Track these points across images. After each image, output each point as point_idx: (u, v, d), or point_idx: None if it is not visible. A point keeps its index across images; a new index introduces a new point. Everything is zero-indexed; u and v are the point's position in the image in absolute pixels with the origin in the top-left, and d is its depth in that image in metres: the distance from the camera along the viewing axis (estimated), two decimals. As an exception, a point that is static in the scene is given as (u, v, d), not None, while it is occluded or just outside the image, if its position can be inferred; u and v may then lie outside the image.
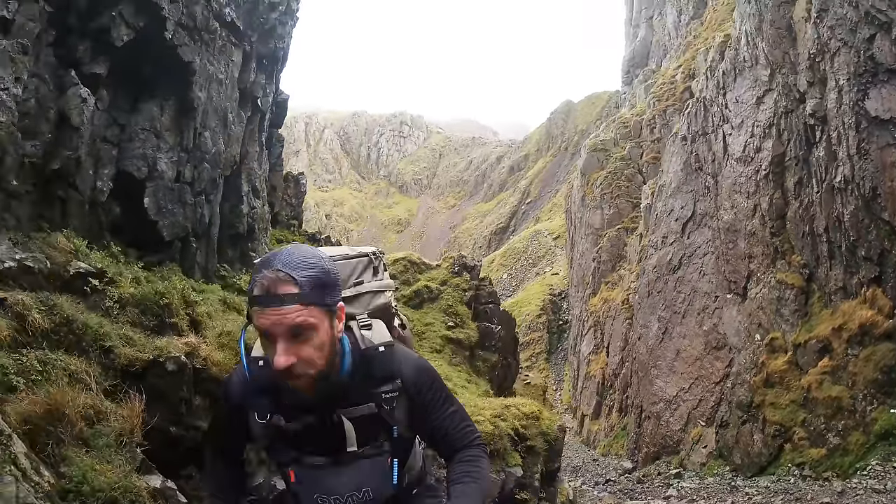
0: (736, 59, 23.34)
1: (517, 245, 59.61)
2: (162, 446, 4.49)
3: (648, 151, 39.58)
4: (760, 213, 21.34)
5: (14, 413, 3.52)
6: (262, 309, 1.72)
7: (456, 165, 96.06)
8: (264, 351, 1.82)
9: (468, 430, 2.09)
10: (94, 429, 3.95)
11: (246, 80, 11.76)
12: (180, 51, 8.73)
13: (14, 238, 5.64)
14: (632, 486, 22.00)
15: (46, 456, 3.51)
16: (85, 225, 7.27)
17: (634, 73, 52.86)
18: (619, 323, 33.25)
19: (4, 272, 5.06)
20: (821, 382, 16.56)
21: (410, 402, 1.99)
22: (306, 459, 1.91)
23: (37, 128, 6.32)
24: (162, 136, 8.75)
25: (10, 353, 4.09)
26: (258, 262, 1.81)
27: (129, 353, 4.93)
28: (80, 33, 6.99)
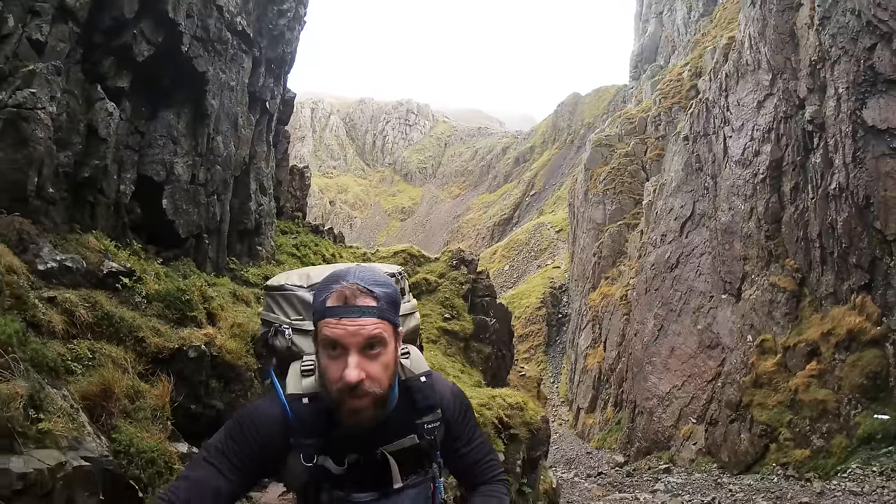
0: (739, 63, 23.62)
1: (520, 237, 59.78)
2: (185, 420, 5.28)
3: (652, 148, 39.82)
4: (757, 217, 21.72)
5: (76, 391, 4.21)
6: (337, 319, 1.66)
7: (461, 155, 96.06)
8: (324, 371, 1.71)
9: (492, 463, 2.10)
10: (134, 405, 4.68)
11: (255, 84, 12.19)
12: (195, 62, 9.17)
13: (53, 241, 6.17)
14: (621, 480, 22.50)
15: (101, 425, 4.24)
16: (110, 225, 7.80)
17: (642, 68, 52.94)
18: (617, 318, 33.65)
19: (48, 272, 5.67)
20: (808, 385, 17.03)
21: (447, 430, 1.97)
22: (353, 497, 1.81)
23: (69, 139, 6.81)
24: (178, 142, 9.22)
25: (65, 342, 4.76)
26: (327, 276, 1.77)
27: (158, 342, 5.68)
28: (105, 50, 7.45)
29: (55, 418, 3.47)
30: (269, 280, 2.17)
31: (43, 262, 5.71)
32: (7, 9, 5.96)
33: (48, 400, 3.54)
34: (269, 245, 14.39)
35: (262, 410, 1.82)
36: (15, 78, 5.86)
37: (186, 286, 7.05)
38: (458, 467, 2.05)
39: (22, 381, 3.33)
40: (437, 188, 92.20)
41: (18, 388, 3.22)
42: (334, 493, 1.79)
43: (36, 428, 3.26)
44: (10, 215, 5.69)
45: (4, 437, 3.04)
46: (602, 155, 44.03)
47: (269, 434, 1.77)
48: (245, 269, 12.13)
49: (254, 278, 11.94)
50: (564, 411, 37.94)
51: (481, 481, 2.06)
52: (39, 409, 3.39)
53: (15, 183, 5.81)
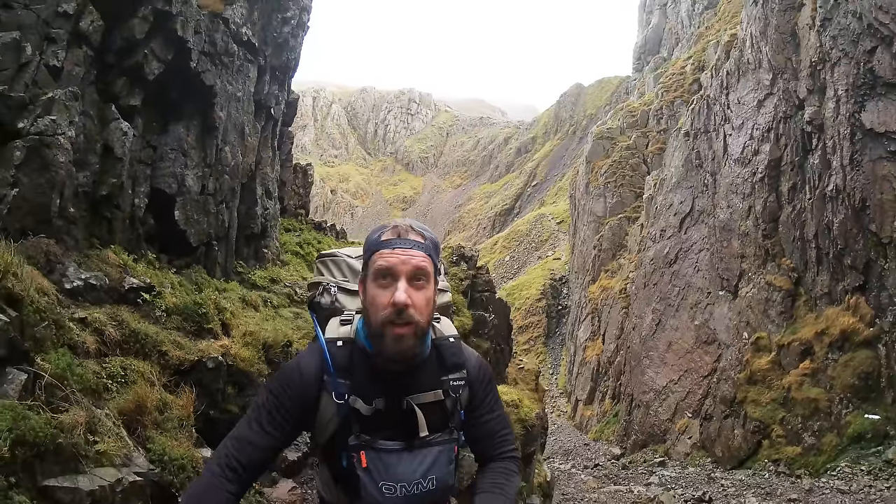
0: (740, 61, 23.73)
1: (521, 228, 59.93)
2: (205, 426, 5.70)
3: (654, 142, 39.93)
4: (754, 215, 21.95)
5: (115, 408, 4.63)
6: (391, 250, 1.84)
7: (463, 145, 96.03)
8: (372, 300, 1.84)
9: (507, 438, 2.16)
10: (163, 415, 5.13)
11: (261, 93, 12.46)
12: (203, 76, 9.46)
13: (77, 259, 6.53)
14: (617, 472, 22.88)
15: (137, 437, 4.68)
16: (126, 238, 8.16)
17: (645, 59, 52.87)
18: (616, 312, 33.93)
19: (75, 290, 6.06)
20: (801, 384, 17.35)
21: (471, 395, 2.05)
22: (379, 444, 1.88)
23: (87, 160, 7.13)
24: (188, 154, 9.52)
25: (98, 361, 5.17)
26: (378, 226, 1.97)
27: (179, 354, 6.16)
28: (118, 70, 7.74)
29: (107, 439, 3.90)
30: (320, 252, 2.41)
31: (69, 281, 6.08)
32: (24, 37, 6.22)
33: (99, 423, 3.94)
34: (275, 246, 14.70)
35: (301, 359, 1.96)
36: (35, 106, 6.14)
37: (202, 300, 7.50)
38: (476, 435, 2.10)
39: (79, 409, 3.70)
40: (438, 178, 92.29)
41: (78, 417, 3.63)
42: (362, 436, 1.86)
43: (94, 449, 3.70)
44: (37, 237, 6.02)
45: (72, 460, 3.49)
46: (603, 147, 44.13)
47: (307, 378, 1.90)
48: (252, 272, 12.52)
49: (260, 281, 12.33)
50: (563, 402, 38.33)
51: (495, 454, 2.11)
52: (94, 432, 3.82)
53: (39, 206, 6.13)
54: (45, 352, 4.11)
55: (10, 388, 3.45)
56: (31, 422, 3.30)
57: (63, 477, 3.44)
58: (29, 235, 5.95)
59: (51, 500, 3.35)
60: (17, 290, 3.82)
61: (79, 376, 4.32)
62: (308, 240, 18.03)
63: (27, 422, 3.27)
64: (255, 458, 1.85)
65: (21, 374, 3.54)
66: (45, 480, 3.35)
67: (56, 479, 3.41)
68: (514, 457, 2.15)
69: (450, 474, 1.97)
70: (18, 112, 5.93)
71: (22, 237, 5.92)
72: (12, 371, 3.53)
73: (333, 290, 2.13)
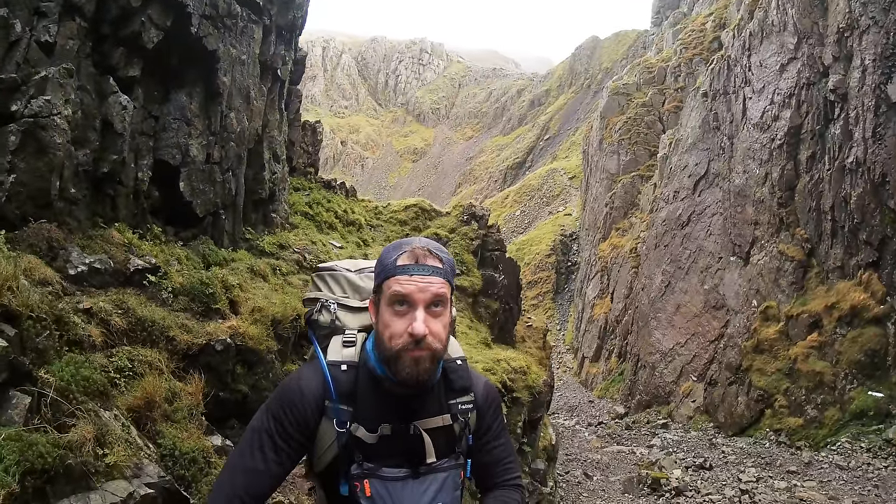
0: (764, 22, 22.87)
1: (532, 182, 59.48)
2: (214, 406, 5.73)
3: (671, 100, 39.06)
4: (771, 182, 21.55)
5: (123, 405, 4.61)
6: (408, 276, 1.76)
7: (475, 96, 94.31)
8: (386, 327, 1.78)
9: (511, 465, 2.09)
10: (172, 406, 5.09)
11: (266, 54, 12.08)
12: (205, 41, 9.13)
13: (80, 242, 6.43)
14: (620, 432, 23.26)
15: (147, 432, 4.67)
16: (130, 213, 8.03)
17: (665, 14, 51.24)
18: (626, 271, 33.92)
19: (79, 276, 5.98)
20: (807, 356, 17.34)
21: (478, 420, 1.99)
22: (384, 472, 1.80)
23: (86, 137, 6.93)
24: (192, 123, 9.29)
25: (104, 353, 5.11)
26: (393, 245, 1.88)
27: (187, 339, 6.09)
28: (114, 41, 7.43)
29: (116, 448, 3.85)
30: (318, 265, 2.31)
31: (73, 267, 6.00)
32: (13, 14, 5.89)
33: (108, 432, 3.91)
34: (283, 210, 14.56)
35: (300, 381, 1.87)
36: (28, 87, 5.92)
37: (209, 278, 7.40)
38: (480, 462, 2.03)
39: (86, 423, 3.67)
40: (449, 129, 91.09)
41: (86, 433, 3.58)
42: (365, 465, 1.79)
43: (104, 463, 3.65)
44: (38, 223, 5.92)
45: (82, 478, 3.44)
46: (619, 104, 43.31)
47: (308, 400, 1.82)
48: (260, 238, 12.42)
49: (269, 247, 12.24)
50: (569, 359, 38.79)
51: (498, 482, 2.05)
52: (104, 444, 3.76)
53: (38, 190, 5.99)
54: (49, 363, 4.04)
55: (15, 414, 3.39)
56: (39, 448, 3.25)
57: (75, 496, 3.42)
58: (30, 222, 5.85)
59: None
60: (15, 306, 3.73)
61: (85, 379, 4.26)
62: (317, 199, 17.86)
63: (34, 448, 3.22)
64: (264, 488, 1.79)
65: (25, 396, 3.47)
66: (57, 502, 3.34)
67: (68, 499, 3.39)
68: (518, 485, 2.09)
69: (456, 500, 1.91)
70: (10, 94, 5.72)
71: (23, 224, 5.83)
72: (16, 394, 3.45)
73: (333, 308, 2.04)
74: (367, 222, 19.12)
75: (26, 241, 5.74)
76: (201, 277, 7.42)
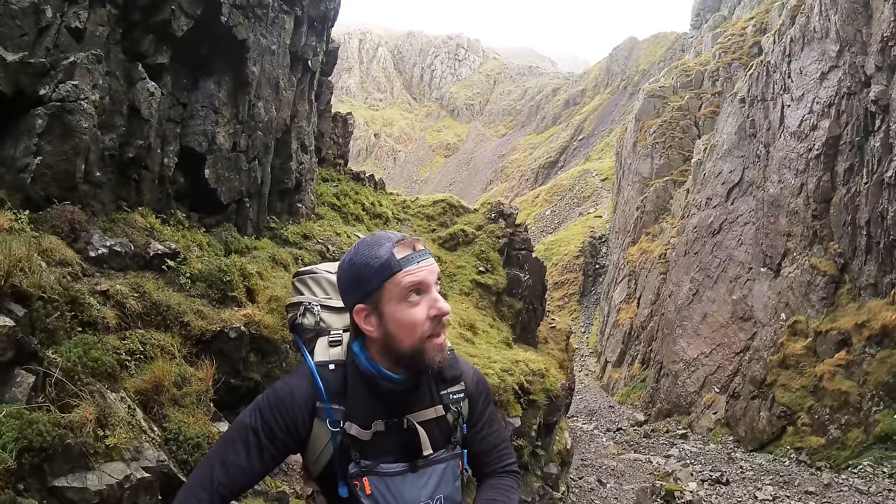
0: (806, 28, 22.27)
1: (564, 182, 59.03)
2: (225, 393, 5.78)
3: (707, 104, 38.39)
4: (806, 193, 21.02)
5: (131, 388, 4.70)
6: (416, 264, 1.76)
7: (510, 94, 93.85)
8: (405, 320, 1.76)
9: (506, 452, 2.07)
10: (181, 391, 5.18)
11: (297, 44, 12.15)
12: (235, 30, 9.22)
13: (102, 225, 6.57)
14: (638, 439, 22.97)
15: (153, 416, 4.74)
16: (154, 198, 8.18)
17: (705, 17, 50.34)
18: (654, 276, 33.50)
19: (99, 258, 6.11)
20: (833, 374, 16.89)
21: (470, 408, 1.99)
22: (382, 468, 1.80)
23: (112, 122, 7.08)
24: (220, 111, 9.42)
25: (118, 335, 5.21)
26: (372, 242, 1.82)
27: (201, 325, 6.17)
28: (143, 28, 7.57)
29: (118, 430, 3.90)
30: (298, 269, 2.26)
31: (94, 249, 6.14)
32: (44, 0, 6.02)
33: (111, 414, 3.96)
34: (310, 200, 14.65)
35: (289, 384, 1.85)
36: (57, 71, 6.06)
37: (227, 266, 7.47)
38: (475, 451, 2.02)
39: (89, 404, 3.73)
40: (483, 126, 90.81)
41: (88, 414, 3.63)
42: (362, 462, 1.78)
43: (104, 444, 3.71)
44: (61, 205, 6.06)
45: (81, 458, 3.50)
46: (654, 106, 42.71)
47: (298, 403, 1.81)
48: (285, 228, 12.51)
49: (293, 237, 12.32)
50: (592, 362, 38.48)
51: (494, 470, 2.04)
52: (105, 426, 3.81)
53: (64, 172, 6.14)
54: (59, 343, 4.11)
55: (19, 391, 3.46)
56: (39, 426, 3.30)
57: (72, 475, 3.47)
58: (54, 203, 5.99)
59: (60, 500, 3.39)
60: (26, 287, 3.81)
61: (94, 360, 4.31)
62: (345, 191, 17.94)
63: (34, 427, 3.27)
64: (244, 483, 1.79)
65: (29, 375, 3.55)
66: (54, 480, 3.38)
67: (65, 477, 3.44)
68: (514, 471, 2.07)
69: (457, 491, 1.90)
70: (39, 79, 5.86)
71: (47, 205, 5.97)
72: (21, 373, 3.52)
73: (316, 310, 2.02)
74: (395, 216, 19.11)
75: (49, 223, 5.88)
76: (220, 265, 7.50)
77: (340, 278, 1.87)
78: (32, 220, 5.65)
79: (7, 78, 5.60)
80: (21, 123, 5.84)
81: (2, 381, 3.48)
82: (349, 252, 1.84)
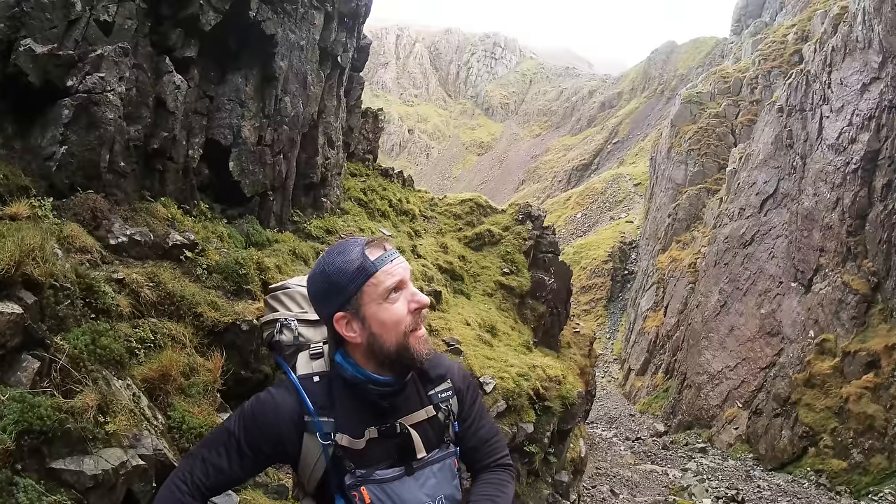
0: (848, 38, 21.65)
1: (596, 185, 58.58)
2: (234, 384, 5.84)
3: (745, 112, 37.71)
4: (841, 208, 20.48)
5: (139, 375, 4.80)
6: (391, 263, 1.78)
7: (545, 94, 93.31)
8: (388, 318, 1.77)
9: (498, 445, 2.07)
10: (189, 380, 5.26)
11: (327, 40, 12.23)
12: (264, 25, 9.34)
13: (124, 214, 6.73)
14: (656, 450, 22.68)
15: (159, 404, 4.83)
16: (178, 188, 8.34)
17: (745, 22, 49.40)
18: (682, 285, 33.07)
19: (119, 246, 6.26)
20: (860, 397, 16.44)
21: (460, 404, 1.98)
22: (378, 475, 1.78)
23: (138, 114, 7.24)
24: (246, 105, 9.55)
25: (130, 323, 5.31)
26: (336, 254, 1.81)
27: (214, 316, 6.25)
28: (171, 21, 7.71)
29: (119, 417, 3.99)
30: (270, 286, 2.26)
31: (114, 237, 6.29)
32: (73, -7, 6.15)
33: (114, 400, 4.06)
34: (335, 195, 14.74)
35: (274, 397, 1.82)
36: (84, 63, 6.20)
37: (244, 259, 7.57)
38: (467, 446, 2.01)
39: (91, 391, 3.83)
40: (517, 125, 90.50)
41: (89, 400, 3.74)
42: (357, 472, 1.76)
43: (104, 430, 3.80)
44: (85, 193, 6.22)
45: (80, 442, 3.61)
46: (691, 112, 42.12)
47: (283, 419, 1.79)
48: (308, 222, 12.61)
49: (316, 231, 12.40)
50: (615, 369, 38.16)
51: (487, 464, 2.03)
52: (107, 413, 3.91)
53: (89, 162, 6.30)
54: (68, 330, 4.22)
55: (24, 376, 3.57)
56: (40, 410, 3.40)
57: (70, 459, 3.58)
58: (77, 192, 6.15)
59: (57, 481, 3.49)
60: (37, 275, 3.92)
61: (103, 348, 4.42)
62: (373, 186, 18.00)
63: (36, 410, 3.37)
64: (223, 483, 1.81)
65: (35, 361, 3.66)
66: (52, 462, 3.49)
67: (63, 460, 3.55)
68: (507, 464, 2.06)
69: (456, 490, 1.89)
70: (67, 70, 6.01)
71: (71, 193, 6.14)
72: (27, 358, 3.64)
73: (293, 325, 2.02)
74: (422, 213, 19.09)
75: (72, 210, 6.04)
76: (237, 257, 7.59)
77: (314, 291, 1.84)
78: (56, 207, 5.81)
79: (36, 69, 5.76)
80: (48, 113, 6.02)
81: (8, 365, 3.59)
82: (317, 264, 1.82)
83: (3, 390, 3.40)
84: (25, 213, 4.91)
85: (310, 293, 1.87)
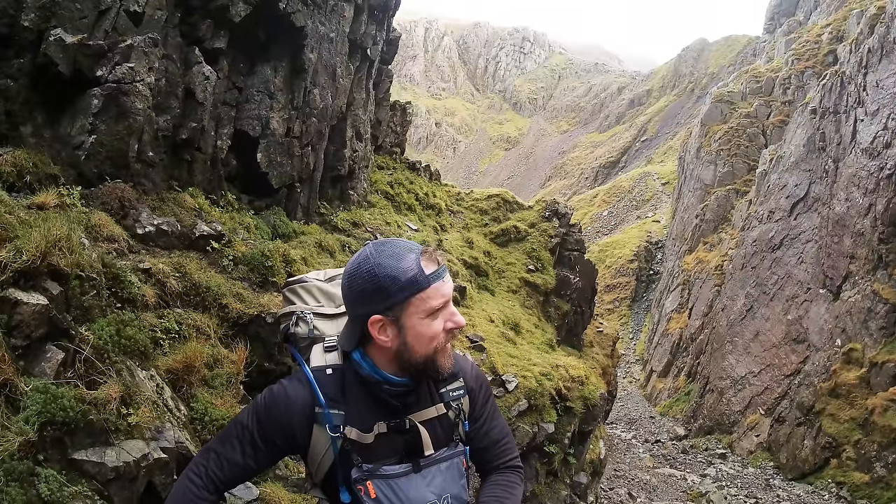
0: (885, 38, 21.04)
1: (624, 183, 58.01)
2: (257, 376, 5.84)
3: (776, 113, 36.96)
4: (874, 214, 19.96)
5: (163, 366, 4.84)
6: (442, 281, 1.78)
7: (574, 90, 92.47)
8: (424, 332, 1.77)
9: (508, 447, 2.07)
10: (212, 372, 5.28)
11: (356, 32, 12.24)
12: (293, 17, 9.35)
13: (151, 203, 6.80)
14: (676, 454, 22.45)
15: (182, 395, 4.85)
16: (206, 179, 8.41)
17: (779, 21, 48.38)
18: (708, 288, 32.63)
19: (146, 236, 6.33)
20: (886, 409, 16.06)
21: (471, 404, 1.99)
22: (385, 470, 1.79)
23: (167, 104, 7.30)
24: (275, 97, 9.59)
25: (156, 313, 5.35)
26: (388, 256, 1.78)
27: (239, 307, 6.26)
28: (202, 13, 7.75)
29: (142, 409, 4.00)
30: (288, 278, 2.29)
31: (142, 227, 6.35)
32: (104, -16, 6.21)
33: (137, 392, 4.08)
34: (362, 188, 14.74)
35: (286, 389, 1.85)
36: (114, 54, 6.26)
37: (270, 251, 7.60)
38: (477, 446, 2.02)
39: (115, 382, 3.86)
40: (545, 121, 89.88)
41: (112, 392, 3.76)
42: (364, 466, 1.77)
43: (126, 422, 3.82)
44: (113, 182, 6.29)
45: (102, 434, 3.64)
46: (721, 112, 41.42)
47: (295, 410, 1.81)
48: (335, 214, 12.66)
49: (342, 224, 12.44)
50: (637, 370, 37.87)
51: (497, 465, 2.04)
52: (129, 404, 3.92)
53: (117, 151, 6.36)
54: (93, 320, 4.25)
55: (48, 367, 3.60)
56: (63, 401, 3.43)
57: (92, 450, 3.61)
58: (106, 181, 6.23)
59: (79, 472, 3.52)
60: (63, 266, 3.96)
61: (127, 338, 4.44)
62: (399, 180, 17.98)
63: (59, 401, 3.40)
64: (237, 476, 1.84)
65: (59, 352, 3.69)
66: (74, 453, 3.52)
67: (85, 451, 3.58)
68: (517, 466, 2.07)
69: (463, 489, 1.89)
70: (97, 60, 6.07)
71: (99, 182, 6.22)
72: (51, 348, 3.68)
73: (309, 318, 2.02)
74: (448, 207, 19.04)
75: (100, 199, 6.12)
76: (263, 249, 7.62)
77: (356, 288, 1.80)
78: (84, 196, 5.88)
79: (66, 58, 5.83)
80: (77, 103, 6.09)
81: (33, 356, 3.63)
82: (364, 261, 1.79)
83: (27, 381, 3.43)
84: (53, 202, 4.97)
85: (349, 289, 1.83)
